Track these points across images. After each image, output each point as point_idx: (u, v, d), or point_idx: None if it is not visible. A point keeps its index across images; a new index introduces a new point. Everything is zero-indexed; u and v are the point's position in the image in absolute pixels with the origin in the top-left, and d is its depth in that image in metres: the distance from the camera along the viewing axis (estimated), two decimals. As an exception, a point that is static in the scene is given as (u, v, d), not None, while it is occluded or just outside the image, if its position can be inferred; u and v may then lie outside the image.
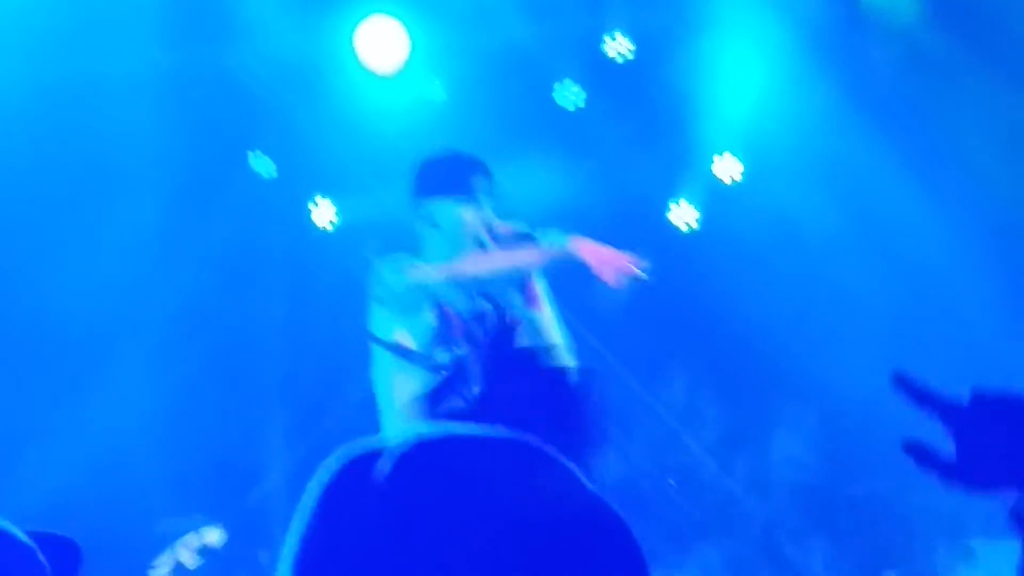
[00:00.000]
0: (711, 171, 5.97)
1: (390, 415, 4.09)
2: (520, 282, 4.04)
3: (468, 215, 4.07)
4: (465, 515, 0.95)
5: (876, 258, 5.84)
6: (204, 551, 5.59)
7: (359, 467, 0.98)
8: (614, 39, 5.96)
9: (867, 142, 5.88)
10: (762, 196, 5.90)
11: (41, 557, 2.09)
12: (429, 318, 4.03)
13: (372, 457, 0.98)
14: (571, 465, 1.01)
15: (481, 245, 4.08)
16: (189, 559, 5.64)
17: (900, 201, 5.85)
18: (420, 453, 0.98)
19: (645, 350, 5.88)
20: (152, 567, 5.51)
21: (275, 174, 5.85)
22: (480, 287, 4.01)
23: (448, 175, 4.15)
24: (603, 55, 5.97)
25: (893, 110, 5.83)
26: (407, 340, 4.04)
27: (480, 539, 0.94)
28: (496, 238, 4.07)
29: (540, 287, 4.08)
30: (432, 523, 0.94)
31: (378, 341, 4.06)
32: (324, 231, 5.85)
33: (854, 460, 5.79)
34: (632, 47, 5.96)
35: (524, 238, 4.08)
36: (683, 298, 5.78)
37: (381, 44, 5.58)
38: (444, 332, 4.04)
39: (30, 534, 2.09)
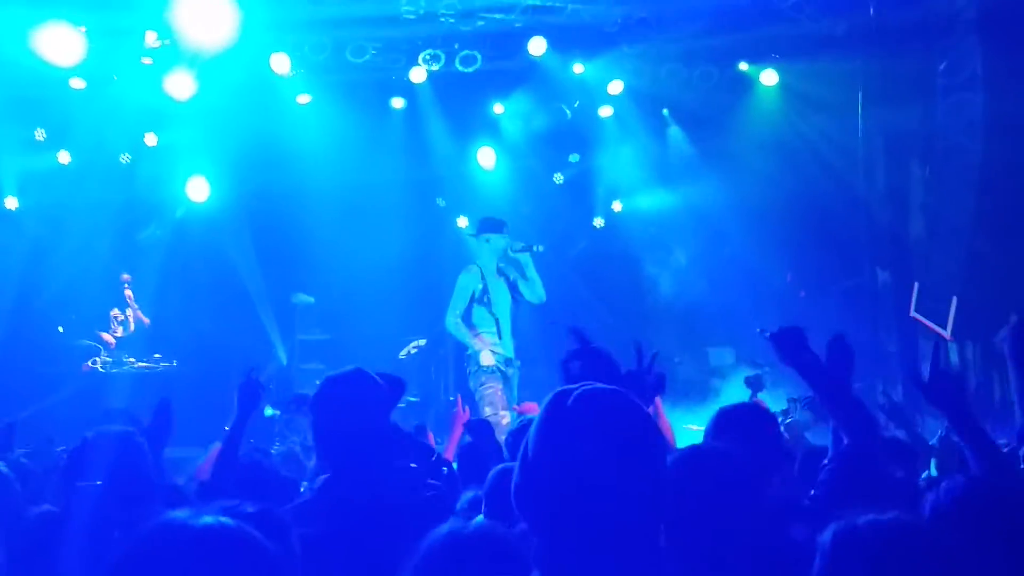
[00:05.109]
0: (610, 207, 15.25)
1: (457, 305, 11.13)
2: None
3: (500, 240, 11.06)
4: (603, 422, 2.16)
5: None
6: (419, 347, 14.45)
7: (561, 396, 2.21)
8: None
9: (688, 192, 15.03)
10: (632, 220, 15.14)
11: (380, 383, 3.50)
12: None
13: (567, 392, 2.21)
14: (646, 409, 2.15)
15: (505, 254, 11.06)
16: (414, 350, 14.54)
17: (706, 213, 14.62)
18: (586, 393, 2.20)
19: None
20: (399, 356, 14.40)
21: (444, 205, 14.99)
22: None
23: (493, 224, 11.17)
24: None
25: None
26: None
27: (609, 432, 2.15)
28: (512, 248, 11.22)
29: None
30: (587, 425, 2.15)
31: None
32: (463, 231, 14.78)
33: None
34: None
35: (525, 249, 11.04)
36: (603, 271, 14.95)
37: (487, 158, 14.89)
38: None
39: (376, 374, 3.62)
